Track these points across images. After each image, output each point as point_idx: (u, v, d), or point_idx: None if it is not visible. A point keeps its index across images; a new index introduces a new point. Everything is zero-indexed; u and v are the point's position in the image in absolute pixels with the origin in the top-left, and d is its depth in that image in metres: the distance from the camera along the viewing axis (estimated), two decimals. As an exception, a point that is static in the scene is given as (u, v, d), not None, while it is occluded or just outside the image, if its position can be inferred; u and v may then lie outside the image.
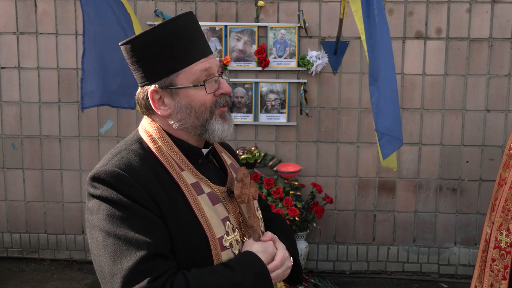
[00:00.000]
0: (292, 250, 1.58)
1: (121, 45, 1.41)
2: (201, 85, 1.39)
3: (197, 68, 1.39)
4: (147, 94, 1.41)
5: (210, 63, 1.41)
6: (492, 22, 4.01)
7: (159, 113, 1.42)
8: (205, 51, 1.42)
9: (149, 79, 1.40)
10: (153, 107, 1.42)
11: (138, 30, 3.62)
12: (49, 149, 4.38)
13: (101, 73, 3.37)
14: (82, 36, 3.31)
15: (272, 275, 1.41)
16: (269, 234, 1.49)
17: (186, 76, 1.38)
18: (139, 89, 1.45)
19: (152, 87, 1.40)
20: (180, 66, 1.38)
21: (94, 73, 3.33)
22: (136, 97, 1.47)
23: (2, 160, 4.42)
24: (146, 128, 1.47)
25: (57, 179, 4.41)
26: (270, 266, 1.42)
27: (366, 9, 3.08)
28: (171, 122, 1.43)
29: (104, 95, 3.43)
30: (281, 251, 1.48)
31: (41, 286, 4.06)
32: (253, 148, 4.14)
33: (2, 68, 4.32)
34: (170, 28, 1.36)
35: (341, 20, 3.69)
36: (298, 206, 3.95)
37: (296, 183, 4.12)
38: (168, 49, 1.36)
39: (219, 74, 1.44)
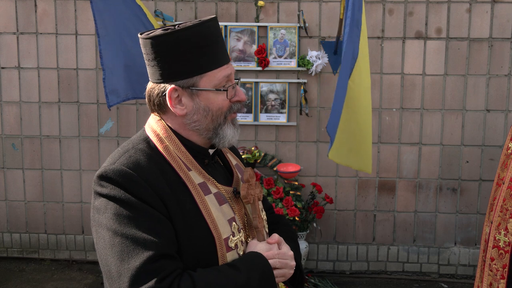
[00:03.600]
0: (296, 253, 1.58)
1: (142, 38, 1.40)
2: (223, 90, 1.41)
3: (221, 73, 1.41)
4: (164, 91, 1.41)
5: (231, 70, 1.45)
6: (492, 22, 4.02)
7: (175, 111, 1.42)
8: (227, 58, 1.45)
9: (167, 77, 1.40)
10: (169, 105, 1.41)
11: (152, 20, 3.66)
12: (49, 149, 4.37)
13: (122, 67, 3.43)
14: (97, 38, 3.36)
15: (271, 261, 1.41)
16: (275, 237, 1.50)
17: (209, 79, 1.40)
18: (152, 85, 1.44)
19: (172, 85, 1.40)
20: (206, 69, 1.39)
21: (114, 70, 3.39)
22: (147, 92, 1.47)
23: (2, 160, 4.42)
24: (153, 127, 1.47)
25: (57, 179, 4.41)
26: (267, 254, 1.42)
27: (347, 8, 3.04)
28: (186, 122, 1.43)
29: (128, 87, 3.48)
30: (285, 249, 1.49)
31: (41, 286, 4.06)
32: (253, 148, 4.14)
33: (2, 68, 4.31)
34: (200, 30, 1.37)
35: (341, 20, 3.69)
36: (298, 206, 3.95)
37: (296, 183, 4.12)
38: (196, 51, 1.37)
39: (236, 82, 1.48)
